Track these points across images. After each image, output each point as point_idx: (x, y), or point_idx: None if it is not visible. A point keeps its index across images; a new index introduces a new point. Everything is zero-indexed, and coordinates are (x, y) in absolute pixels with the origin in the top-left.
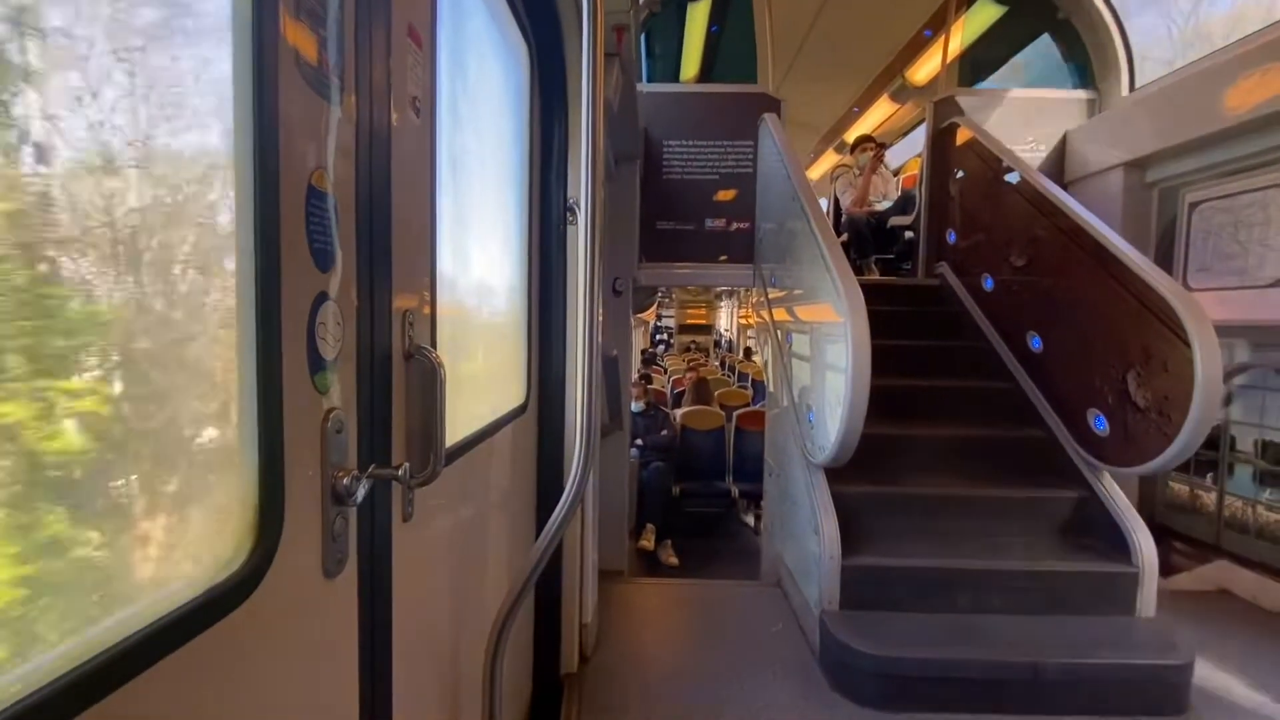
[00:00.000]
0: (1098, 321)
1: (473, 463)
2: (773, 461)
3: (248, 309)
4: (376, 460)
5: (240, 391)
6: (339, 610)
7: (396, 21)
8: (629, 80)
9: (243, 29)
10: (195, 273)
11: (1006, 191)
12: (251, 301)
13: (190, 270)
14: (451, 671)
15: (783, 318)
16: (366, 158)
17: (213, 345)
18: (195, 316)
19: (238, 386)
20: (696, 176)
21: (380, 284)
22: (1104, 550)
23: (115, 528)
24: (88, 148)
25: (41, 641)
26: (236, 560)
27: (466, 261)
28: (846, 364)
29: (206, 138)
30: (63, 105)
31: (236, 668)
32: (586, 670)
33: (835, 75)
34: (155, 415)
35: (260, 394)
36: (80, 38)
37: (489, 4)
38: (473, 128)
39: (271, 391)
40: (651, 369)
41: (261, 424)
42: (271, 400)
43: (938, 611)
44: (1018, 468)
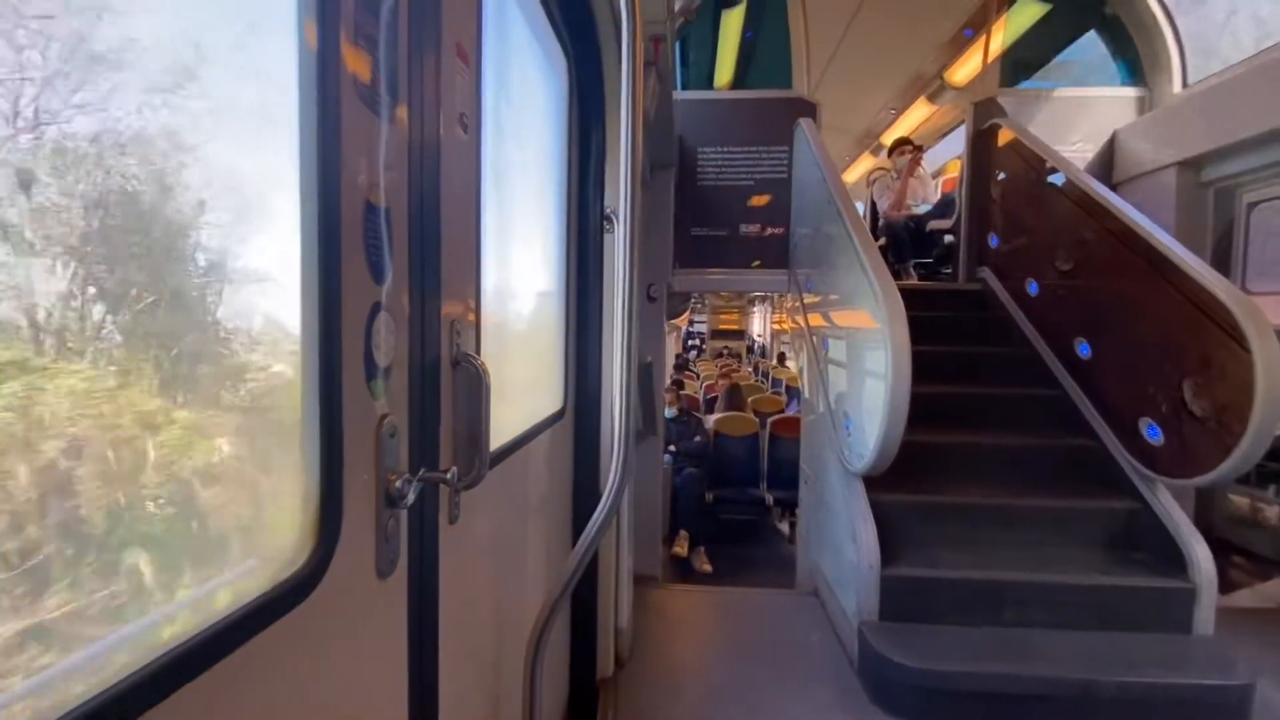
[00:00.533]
0: (1151, 327)
1: (513, 467)
2: (808, 469)
3: (310, 319)
4: (426, 464)
5: (302, 398)
6: (390, 609)
7: (446, 42)
8: (665, 89)
9: (307, 56)
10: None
11: (1051, 193)
12: (314, 312)
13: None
14: (492, 671)
15: (819, 323)
16: (418, 173)
17: (277, 355)
18: (262, 328)
19: (300, 394)
20: (731, 183)
21: (429, 293)
22: (1158, 565)
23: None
24: (167, 173)
25: (122, 635)
26: (299, 559)
27: (508, 269)
28: (886, 370)
29: (275, 160)
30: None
31: (297, 663)
32: (622, 676)
33: (871, 78)
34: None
35: (321, 401)
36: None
37: (530, 19)
38: (515, 139)
39: (332, 398)
40: (684, 375)
41: (322, 429)
42: (332, 407)
43: (981, 625)
44: (1065, 477)
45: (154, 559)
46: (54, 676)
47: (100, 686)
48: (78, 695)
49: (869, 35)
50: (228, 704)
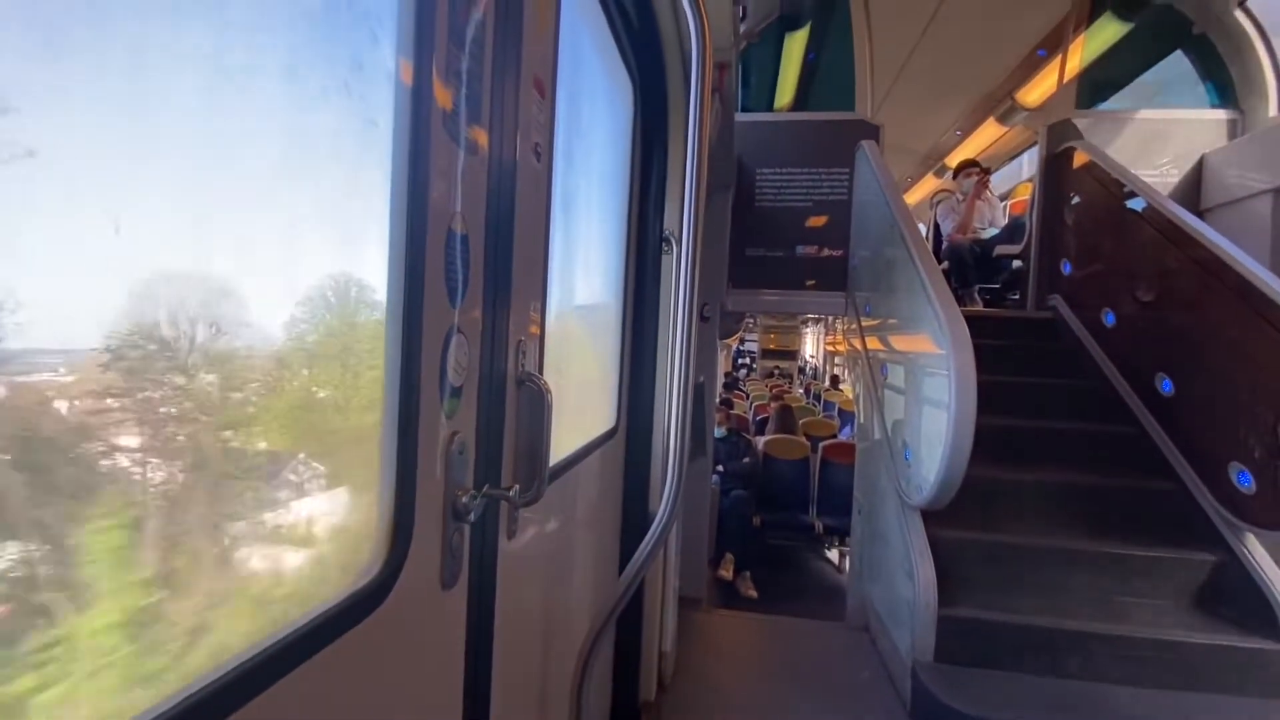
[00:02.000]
0: (1242, 364)
1: (567, 484)
2: (862, 498)
3: (394, 341)
4: (490, 480)
5: (383, 414)
6: (452, 621)
7: (525, 74)
8: (728, 114)
9: (402, 86)
10: (353, 307)
11: (1131, 219)
12: (398, 335)
13: (348, 309)
14: (541, 687)
15: (876, 347)
16: (495, 201)
17: (363, 375)
18: (352, 350)
19: (381, 412)
20: (789, 204)
21: (500, 316)
22: (1247, 622)
23: (284, 539)
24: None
25: (208, 642)
26: (373, 569)
27: (570, 290)
28: (950, 400)
29: (370, 187)
30: None
31: (364, 671)
32: (664, 699)
33: (937, 98)
34: (317, 437)
35: (400, 419)
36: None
37: (601, 49)
38: (582, 164)
39: (409, 416)
40: (733, 394)
41: (399, 445)
42: (409, 425)
43: (1044, 675)
44: (1142, 522)
45: (239, 569)
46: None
47: (186, 691)
48: (161, 700)
49: (936, 56)
50: (300, 709)
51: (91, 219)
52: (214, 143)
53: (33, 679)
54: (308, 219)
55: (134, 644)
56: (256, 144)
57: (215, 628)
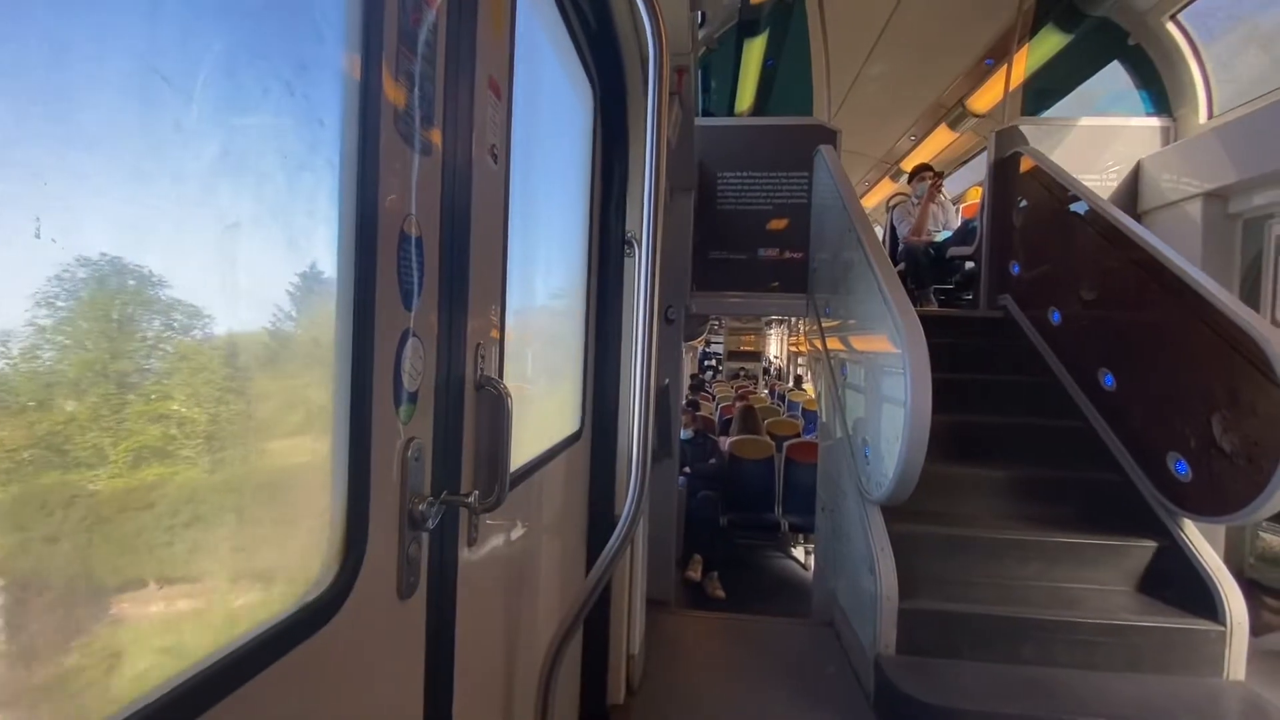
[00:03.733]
0: (1178, 360)
1: (530, 488)
2: (825, 495)
3: (343, 345)
4: (448, 487)
5: (333, 421)
6: (410, 630)
7: (479, 76)
8: (688, 117)
9: (351, 86)
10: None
11: (1074, 222)
12: (348, 338)
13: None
14: (505, 694)
15: (837, 347)
16: (449, 202)
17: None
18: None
19: (332, 418)
20: (750, 207)
21: (457, 319)
22: (1186, 605)
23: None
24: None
25: (149, 659)
26: (325, 580)
27: (531, 293)
28: (905, 398)
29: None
30: None
31: (319, 684)
32: (633, 703)
33: (892, 104)
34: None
35: (351, 424)
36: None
37: (559, 51)
38: (541, 166)
39: (361, 423)
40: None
41: (351, 452)
42: (361, 431)
43: (1001, 663)
44: (1089, 512)
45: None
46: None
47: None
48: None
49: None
50: None
51: (14, 219)
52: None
53: None
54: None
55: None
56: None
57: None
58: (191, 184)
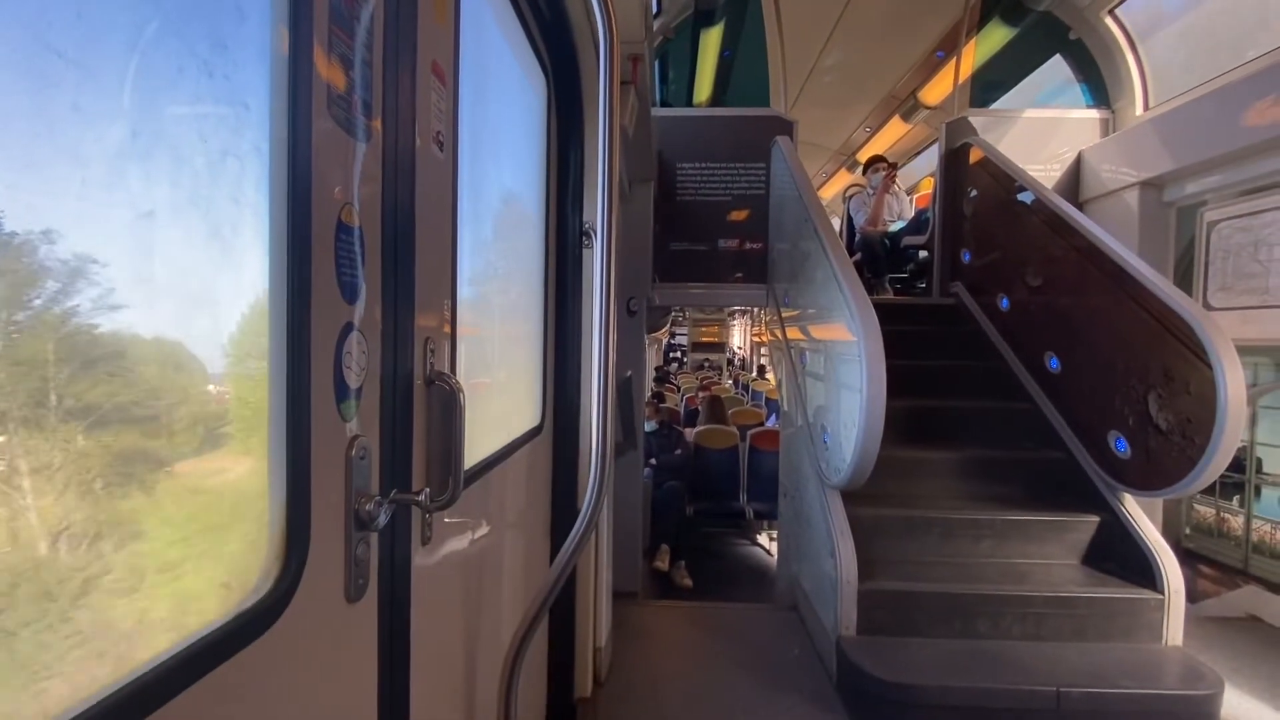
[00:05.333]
0: (1116, 342)
1: (490, 484)
2: (787, 482)
3: (278, 341)
4: (398, 485)
5: (269, 421)
6: (360, 634)
7: (421, 59)
8: (644, 107)
9: (280, 68)
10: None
11: (1021, 211)
12: (282, 333)
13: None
14: (467, 695)
15: (796, 337)
16: (392, 192)
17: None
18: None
19: (267, 416)
20: (709, 198)
21: (403, 313)
22: (1128, 576)
23: (147, 553)
24: (123, 187)
25: (73, 670)
26: (264, 586)
27: (485, 286)
28: (861, 384)
29: (242, 176)
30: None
31: (261, 693)
32: (601, 694)
33: (847, 96)
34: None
35: (289, 423)
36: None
37: (509, 38)
38: (492, 156)
39: (299, 420)
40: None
41: (289, 452)
42: (299, 429)
43: (957, 638)
44: (1037, 490)
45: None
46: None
47: None
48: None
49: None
50: None
51: None
52: (40, 124)
53: None
54: (166, 210)
55: None
56: (95, 126)
57: None
58: (94, 170)
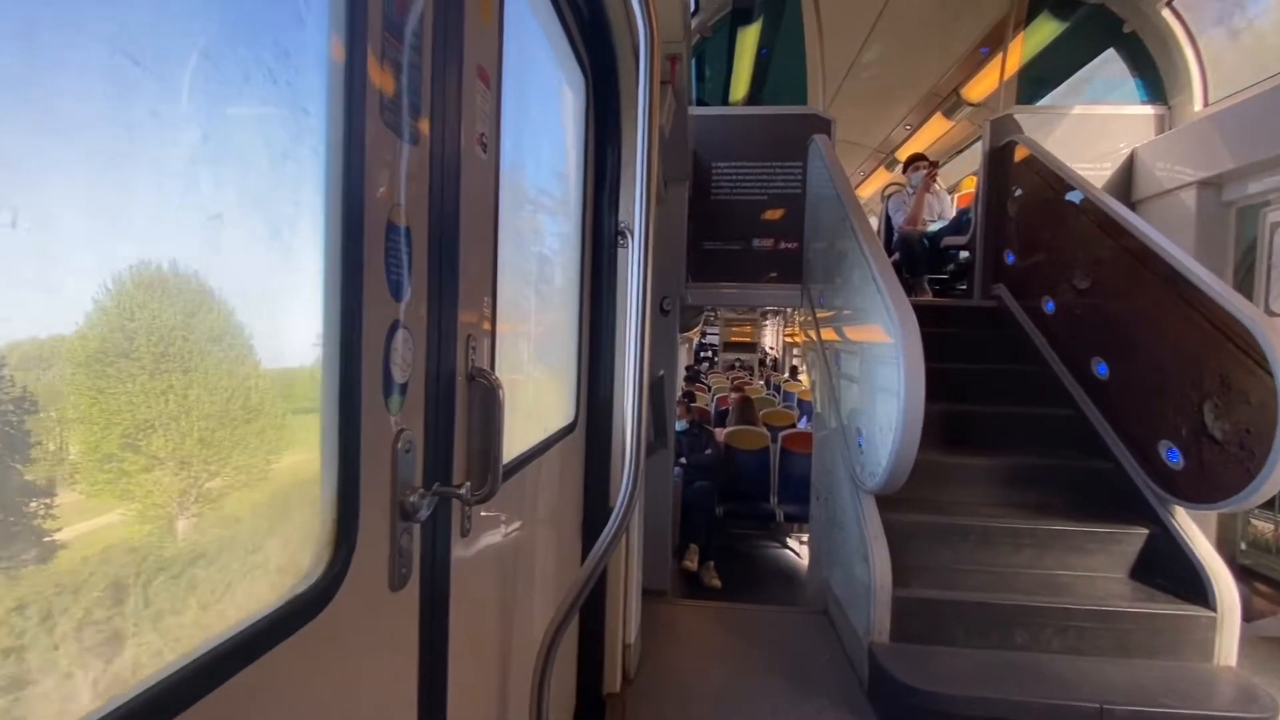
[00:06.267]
0: (1170, 348)
1: (525, 480)
2: (820, 485)
3: (331, 337)
4: (440, 478)
5: (322, 414)
6: (402, 622)
7: (467, 64)
8: (681, 106)
9: (336, 74)
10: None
11: (1068, 211)
12: (335, 330)
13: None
14: (500, 684)
15: (831, 338)
16: (438, 193)
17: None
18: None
19: (320, 410)
20: (744, 197)
21: (447, 310)
22: (1178, 591)
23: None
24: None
25: (141, 650)
26: (315, 572)
27: (523, 285)
28: (899, 388)
29: (301, 178)
30: None
31: (311, 676)
32: (629, 691)
33: (887, 94)
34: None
35: (340, 416)
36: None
37: (550, 39)
38: (533, 156)
39: (350, 415)
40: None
41: (341, 445)
42: (350, 423)
43: (993, 648)
44: (1081, 500)
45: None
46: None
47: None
48: (97, 707)
49: (885, 52)
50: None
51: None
52: (123, 130)
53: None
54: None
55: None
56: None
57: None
58: (170, 173)
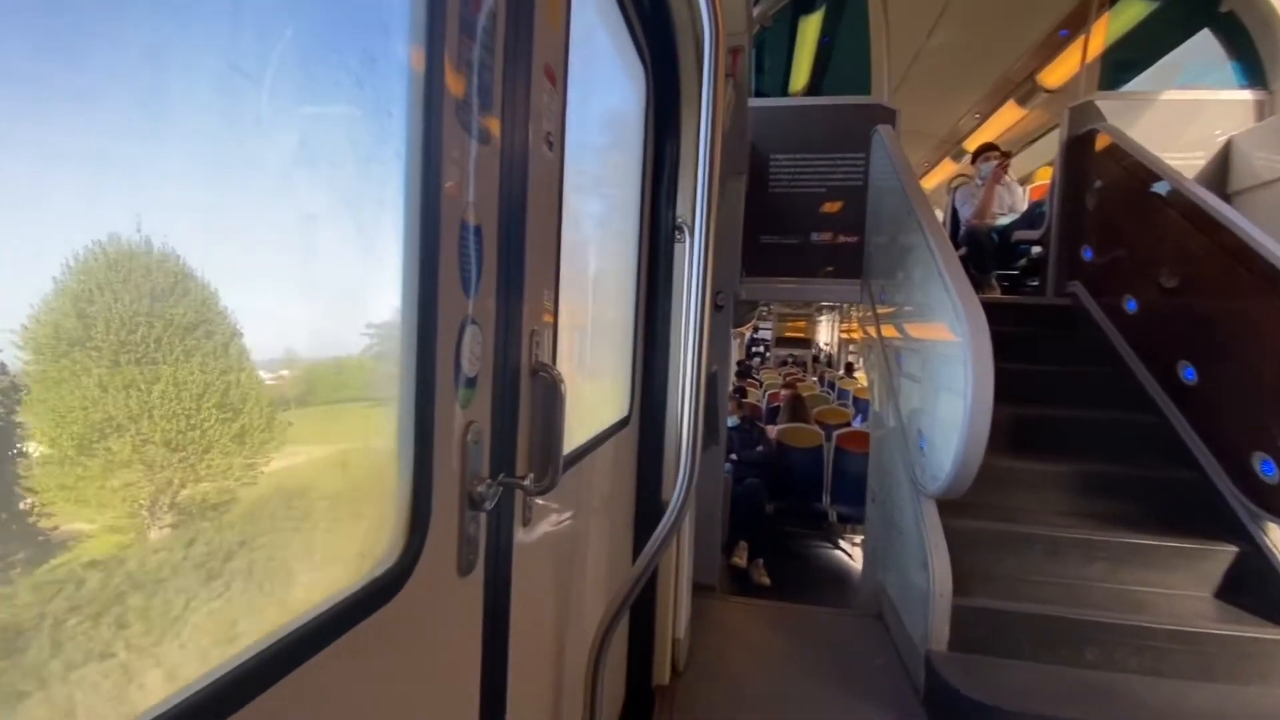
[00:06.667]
0: (1268, 353)
1: (581, 472)
2: (876, 486)
3: (409, 332)
4: (505, 469)
5: (399, 405)
6: (469, 606)
7: (536, 64)
8: (741, 99)
9: (416, 78)
10: (372, 300)
11: (1155, 204)
12: (413, 325)
13: (369, 298)
14: (556, 670)
15: (892, 334)
16: (507, 191)
17: (381, 365)
18: (372, 340)
19: (398, 402)
20: (803, 190)
21: (513, 306)
22: (1270, 614)
23: (303, 529)
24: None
25: (230, 630)
26: (391, 557)
27: (581, 278)
28: (965, 388)
29: (385, 179)
30: None
31: (383, 655)
32: (678, 684)
33: (955, 81)
34: (342, 424)
35: (416, 409)
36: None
37: (612, 33)
38: (593, 152)
39: (425, 407)
40: (746, 382)
41: (416, 435)
42: (425, 415)
43: (1062, 665)
44: (1161, 512)
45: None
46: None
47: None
48: (189, 683)
49: (955, 37)
50: (321, 693)
51: (111, 215)
52: (227, 137)
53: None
54: (324, 213)
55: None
56: (270, 137)
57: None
58: (272, 176)
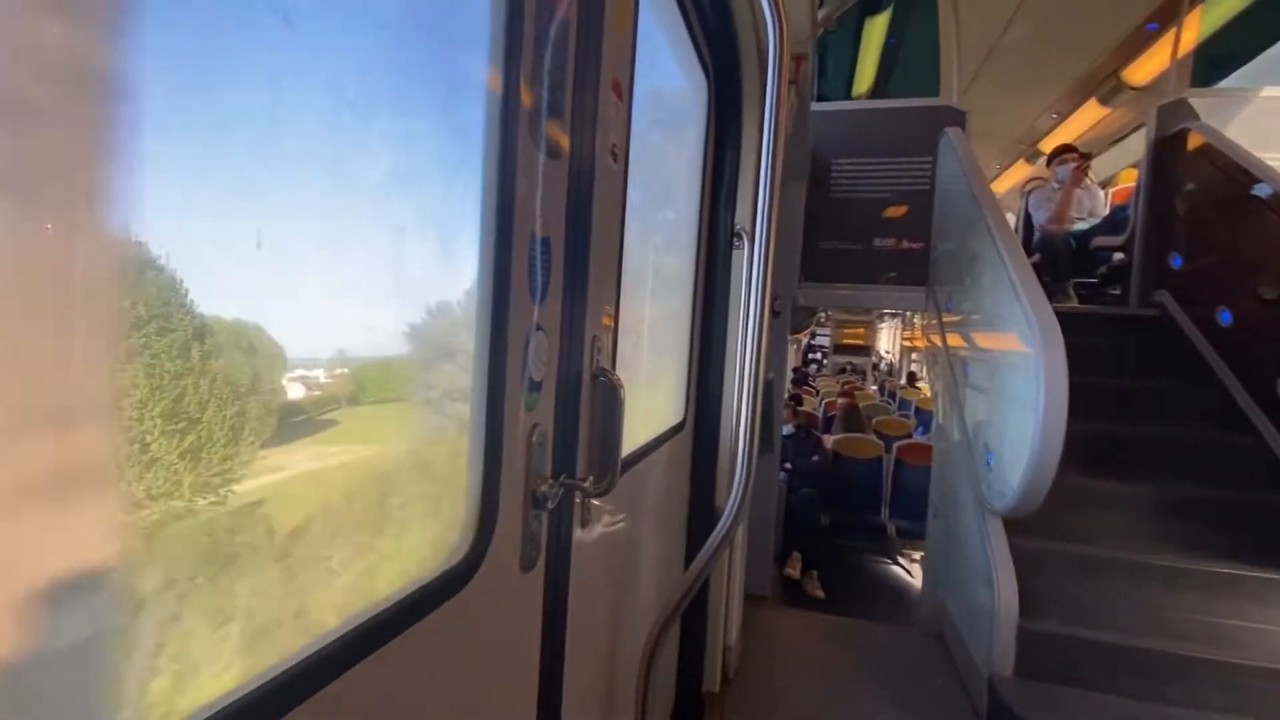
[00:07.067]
0: None
1: (636, 476)
2: (939, 501)
3: (482, 338)
4: (566, 471)
5: (471, 407)
6: (530, 601)
7: (604, 77)
8: (803, 105)
9: (493, 98)
10: (452, 307)
11: (1255, 208)
12: (486, 332)
13: (449, 309)
14: (609, 670)
15: (958, 344)
16: (574, 203)
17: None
18: (456, 347)
19: (471, 405)
20: (866, 195)
21: (577, 313)
22: None
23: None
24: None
25: (317, 616)
26: (461, 550)
27: (640, 284)
28: (1037, 402)
29: (465, 195)
30: None
31: (449, 646)
32: (729, 690)
33: (1031, 80)
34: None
35: (487, 412)
36: None
37: (675, 42)
38: (655, 160)
39: (495, 410)
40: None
41: (486, 436)
42: (495, 417)
43: (1139, 699)
44: (1259, 542)
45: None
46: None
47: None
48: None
49: (1031, 34)
50: (394, 678)
51: (239, 229)
52: (336, 156)
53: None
54: (412, 225)
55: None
56: (371, 158)
57: None
58: (371, 196)
